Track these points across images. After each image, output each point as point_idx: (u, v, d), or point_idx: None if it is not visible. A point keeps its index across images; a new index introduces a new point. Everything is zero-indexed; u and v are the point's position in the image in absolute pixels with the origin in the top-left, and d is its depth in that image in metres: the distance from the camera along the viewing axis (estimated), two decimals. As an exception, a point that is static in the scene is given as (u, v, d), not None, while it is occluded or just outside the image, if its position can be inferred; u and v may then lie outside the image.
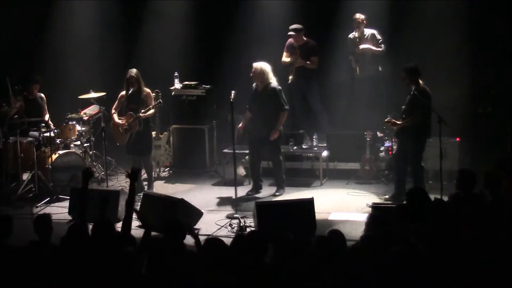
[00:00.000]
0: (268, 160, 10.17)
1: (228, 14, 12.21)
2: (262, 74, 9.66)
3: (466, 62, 10.95)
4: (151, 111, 10.06)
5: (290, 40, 11.09)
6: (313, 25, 11.38)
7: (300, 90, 11.22)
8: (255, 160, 10.10)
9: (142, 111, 9.89)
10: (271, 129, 9.72)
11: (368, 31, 10.97)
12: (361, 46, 10.90)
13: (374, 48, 10.91)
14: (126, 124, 9.96)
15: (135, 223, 8.79)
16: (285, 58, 11.05)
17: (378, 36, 10.94)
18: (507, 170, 7.32)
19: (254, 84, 9.81)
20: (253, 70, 9.69)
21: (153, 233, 6.54)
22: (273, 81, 9.75)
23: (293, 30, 10.95)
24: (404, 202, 7.21)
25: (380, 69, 11.03)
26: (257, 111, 9.82)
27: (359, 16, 10.95)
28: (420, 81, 9.07)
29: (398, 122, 9.18)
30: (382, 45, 10.92)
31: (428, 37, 11.29)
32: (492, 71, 11.04)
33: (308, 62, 10.97)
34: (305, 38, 11.02)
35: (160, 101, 10.16)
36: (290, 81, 10.96)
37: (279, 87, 9.77)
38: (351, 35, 11.06)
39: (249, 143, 10.09)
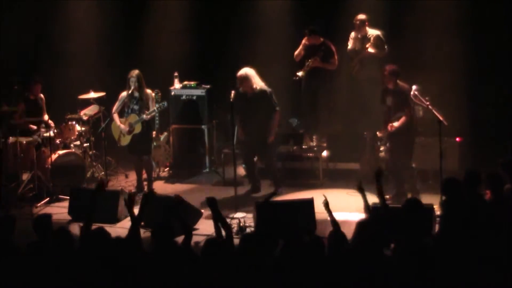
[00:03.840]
0: (262, 160, 10.16)
1: (228, 14, 12.21)
2: (247, 80, 9.69)
3: (466, 62, 10.93)
4: (153, 113, 10.09)
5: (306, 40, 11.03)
6: (314, 24, 11.36)
7: (311, 89, 11.15)
8: (250, 162, 10.13)
9: (147, 112, 9.91)
10: (263, 132, 9.76)
11: (372, 32, 10.93)
12: (369, 50, 10.87)
13: (374, 51, 10.87)
14: (128, 126, 9.97)
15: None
16: (299, 53, 10.98)
17: (382, 38, 10.89)
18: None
19: (240, 89, 9.77)
20: (238, 78, 9.71)
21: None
22: (260, 84, 9.76)
23: (309, 31, 10.87)
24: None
25: (381, 71, 11.00)
26: (248, 114, 9.83)
27: (360, 17, 10.92)
28: (398, 81, 9.21)
29: (395, 125, 9.20)
30: (386, 47, 10.89)
31: (428, 37, 11.27)
32: (493, 71, 11.03)
33: (328, 64, 10.94)
34: (321, 39, 10.97)
35: (164, 103, 10.17)
36: (298, 77, 10.92)
37: (269, 89, 9.78)
38: (353, 34, 11.05)
39: (242, 146, 10.10)
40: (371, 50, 10.90)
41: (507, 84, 10.86)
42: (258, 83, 9.77)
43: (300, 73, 10.94)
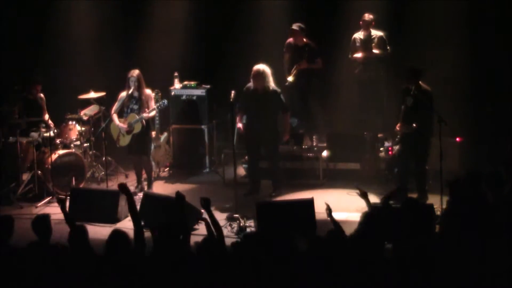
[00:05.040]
0: (266, 159, 10.16)
1: (228, 14, 12.21)
2: (264, 76, 9.64)
3: (466, 62, 10.94)
4: (154, 111, 10.10)
5: (290, 40, 11.08)
6: (314, 25, 11.37)
7: (300, 89, 11.20)
8: (253, 161, 10.11)
9: (147, 111, 9.91)
10: (271, 131, 9.79)
11: (375, 33, 10.94)
12: (374, 51, 10.88)
13: (378, 52, 10.90)
14: (128, 126, 9.96)
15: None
16: (286, 61, 11.06)
17: (385, 39, 10.90)
18: None
19: (249, 85, 9.78)
20: (255, 72, 9.64)
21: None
22: (273, 84, 9.75)
23: (295, 28, 10.91)
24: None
25: (381, 72, 11.01)
26: (256, 112, 9.81)
27: (368, 16, 10.90)
28: (420, 82, 9.10)
29: (409, 125, 9.18)
30: (388, 48, 10.90)
31: (428, 37, 11.28)
32: (492, 70, 11.04)
33: (313, 64, 10.96)
34: (305, 40, 11.00)
35: (164, 101, 10.17)
36: (288, 83, 10.94)
37: (279, 90, 9.78)
38: (356, 35, 11.04)
39: (247, 144, 10.09)
40: (375, 51, 10.91)
41: (507, 84, 10.87)
42: (272, 82, 9.75)
43: (290, 78, 10.97)
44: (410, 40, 11.28)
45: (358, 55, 10.99)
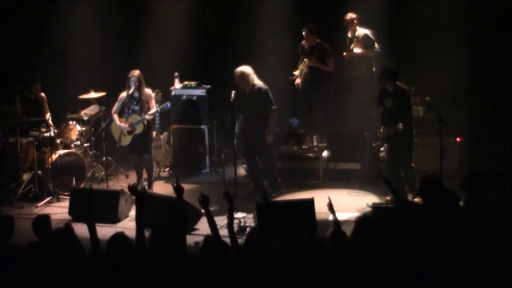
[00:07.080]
0: (261, 160, 10.16)
1: (228, 14, 12.22)
2: (243, 77, 9.63)
3: (465, 62, 10.95)
4: (156, 113, 10.11)
5: (304, 42, 11.07)
6: (312, 24, 11.37)
7: (309, 91, 11.16)
8: (251, 161, 10.10)
9: (149, 112, 9.91)
10: (261, 130, 9.74)
11: (361, 31, 10.97)
12: (355, 50, 10.92)
13: (362, 51, 10.91)
14: (129, 126, 9.96)
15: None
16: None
17: (371, 37, 10.93)
18: None
19: (239, 87, 9.76)
20: (235, 75, 9.65)
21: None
22: (258, 82, 9.73)
23: (307, 29, 10.92)
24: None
25: (374, 70, 11.02)
26: (248, 113, 9.82)
27: (350, 16, 10.96)
28: (397, 82, 9.13)
29: (394, 127, 9.19)
30: (376, 46, 10.92)
31: (427, 37, 11.29)
32: (492, 70, 11.04)
33: (324, 64, 10.95)
34: (318, 40, 11.00)
35: (167, 104, 10.18)
36: (294, 76, 10.93)
37: (265, 87, 9.73)
38: (348, 35, 11.09)
39: (245, 145, 10.08)
40: (357, 50, 10.95)
41: (507, 83, 10.88)
42: (255, 81, 9.74)
43: (296, 72, 10.98)
44: (410, 40, 11.28)
45: (344, 54, 11.06)
